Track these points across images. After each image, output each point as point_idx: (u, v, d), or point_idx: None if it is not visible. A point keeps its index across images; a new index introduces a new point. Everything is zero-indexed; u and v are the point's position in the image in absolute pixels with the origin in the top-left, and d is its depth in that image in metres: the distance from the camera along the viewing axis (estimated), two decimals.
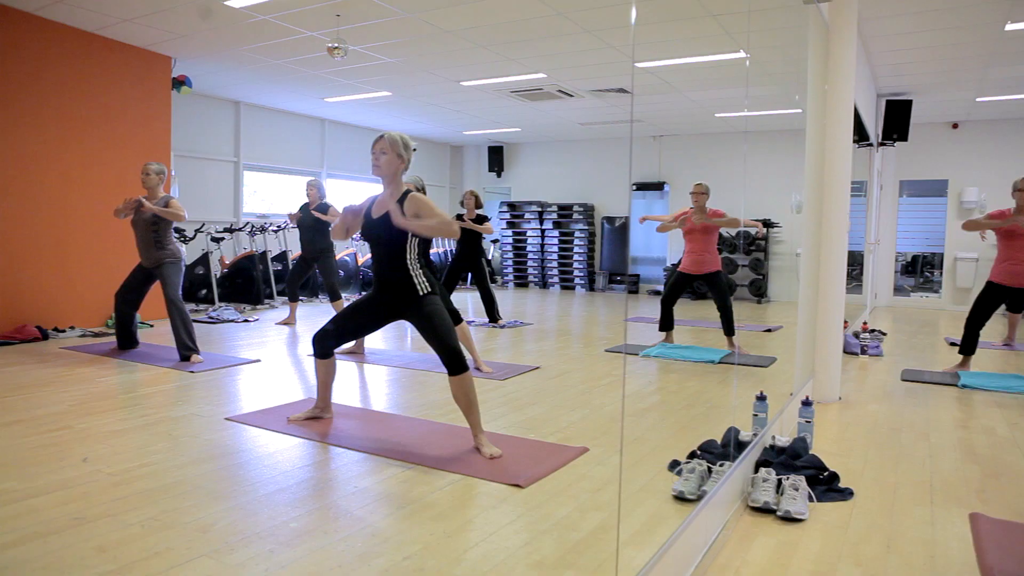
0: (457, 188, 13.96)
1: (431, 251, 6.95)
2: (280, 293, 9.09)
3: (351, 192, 11.60)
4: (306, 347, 5.81)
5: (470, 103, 9.69)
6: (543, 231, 12.71)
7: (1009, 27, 5.98)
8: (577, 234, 12.42)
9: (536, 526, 2.38)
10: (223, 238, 8.68)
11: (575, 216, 12.45)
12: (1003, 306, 5.81)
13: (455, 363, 3.11)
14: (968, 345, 5.33)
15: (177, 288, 5.10)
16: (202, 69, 7.72)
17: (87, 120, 6.49)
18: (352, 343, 5.32)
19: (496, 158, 13.51)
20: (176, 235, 5.71)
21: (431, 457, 3.04)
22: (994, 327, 7.49)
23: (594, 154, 12.60)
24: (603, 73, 7.69)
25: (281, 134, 10.37)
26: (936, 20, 5.95)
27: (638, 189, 11.97)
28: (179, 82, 7.54)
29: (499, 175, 13.65)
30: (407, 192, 3.23)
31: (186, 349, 5.03)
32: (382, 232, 3.22)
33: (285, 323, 7.23)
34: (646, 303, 10.30)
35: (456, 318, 4.73)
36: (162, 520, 2.33)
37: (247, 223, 9.24)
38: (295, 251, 8.88)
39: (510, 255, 13.06)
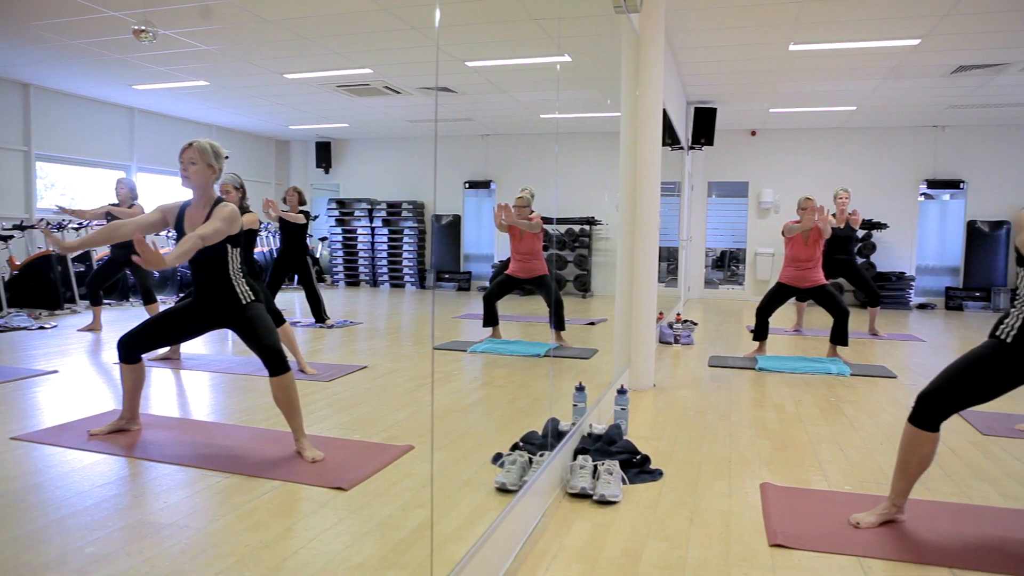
0: (283, 185, 13.43)
1: (255, 250, 6.65)
2: (83, 297, 8.32)
3: (167, 189, 10.82)
4: (113, 354, 5.36)
5: (295, 96, 9.36)
6: (373, 229, 12.54)
7: (793, 47, 6.66)
8: (407, 232, 12.37)
9: (358, 528, 2.35)
10: (11, 236, 7.80)
11: (404, 214, 12.40)
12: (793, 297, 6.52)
13: (276, 363, 3.00)
14: (760, 332, 5.91)
15: None
16: None
17: None
18: (167, 348, 4.98)
19: (324, 154, 13.14)
20: None
21: (250, 465, 2.92)
22: (787, 315, 8.32)
23: (424, 152, 12.59)
24: (430, 71, 7.70)
25: (83, 122, 9.47)
26: (732, 37, 6.51)
27: (469, 187, 12.11)
28: None
29: (327, 171, 13.29)
30: (219, 200, 3.06)
31: None
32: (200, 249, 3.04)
33: (89, 329, 6.62)
34: (477, 300, 10.45)
35: (279, 319, 4.57)
36: None
37: (41, 219, 8.36)
38: (101, 250, 8.16)
39: (340, 253, 12.77)
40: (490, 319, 6.05)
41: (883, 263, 10.91)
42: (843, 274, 7.42)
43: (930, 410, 2.40)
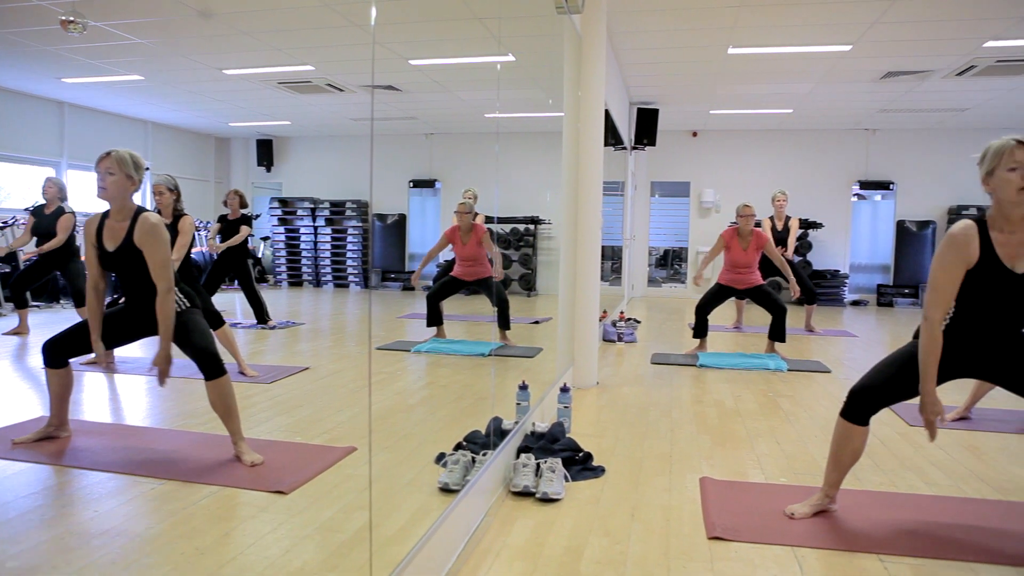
0: (223, 184, 13.11)
1: (193, 250, 6.48)
2: (8, 299, 7.97)
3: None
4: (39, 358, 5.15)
5: (235, 93, 9.15)
6: (316, 228, 12.36)
7: (731, 51, 6.81)
8: (351, 231, 12.23)
9: (298, 532, 2.31)
10: None
11: (348, 213, 12.26)
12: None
13: (211, 366, 2.93)
14: (699, 329, 6.02)
15: None
16: None
17: None
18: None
19: (265, 152, 12.89)
20: None
21: (187, 470, 2.84)
22: (727, 313, 8.50)
23: (368, 151, 12.46)
24: (375, 69, 7.63)
25: (7, 116, 9.07)
26: (673, 39, 6.63)
27: (413, 186, 12.03)
28: None
29: (269, 170, 13.05)
30: (138, 213, 2.95)
31: None
32: (124, 263, 2.94)
33: (16, 332, 6.35)
34: (421, 300, 10.38)
35: (218, 321, 4.46)
36: None
37: None
38: (28, 249, 7.85)
39: (283, 253, 12.55)
40: (434, 319, 6.03)
41: (818, 261, 11.24)
42: (781, 273, 7.62)
43: (861, 405, 2.48)
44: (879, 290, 11.14)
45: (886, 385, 2.44)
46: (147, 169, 3.04)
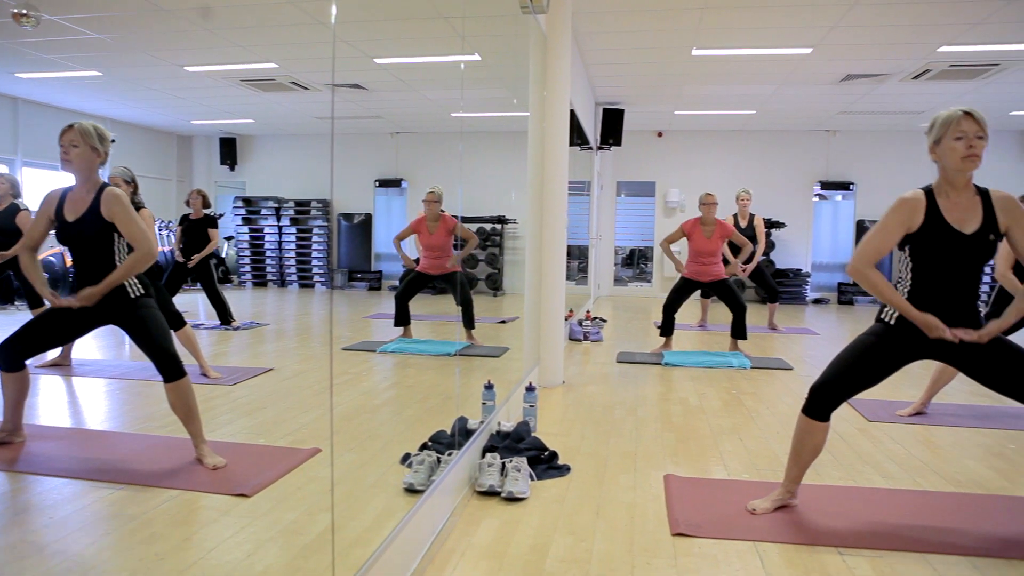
0: (185, 182, 12.88)
1: None
2: None
3: (56, 185, 10.22)
4: None
5: (197, 90, 9.02)
6: (280, 228, 12.23)
7: (695, 52, 6.89)
8: (316, 231, 12.13)
9: (261, 535, 2.28)
10: None
11: (313, 212, 12.15)
12: (698, 293, 6.74)
13: (170, 368, 2.87)
14: (666, 328, 6.07)
15: None
16: None
17: None
18: (57, 354, 4.70)
19: (229, 150, 12.70)
20: None
21: (147, 474, 2.79)
22: (692, 311, 8.59)
23: (334, 150, 12.35)
24: (338, 67, 7.56)
25: None
26: (638, 40, 6.68)
27: (380, 186, 11.96)
28: None
29: (232, 168, 12.86)
30: (104, 186, 2.90)
31: None
32: (83, 234, 2.87)
33: None
34: (387, 300, 10.34)
35: (179, 321, 4.38)
36: None
37: None
38: None
39: (247, 253, 12.39)
40: (402, 318, 6.00)
41: (781, 260, 11.42)
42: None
43: (822, 401, 2.52)
44: (840, 288, 11.36)
45: (844, 378, 2.50)
46: (113, 142, 2.97)
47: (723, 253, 6.22)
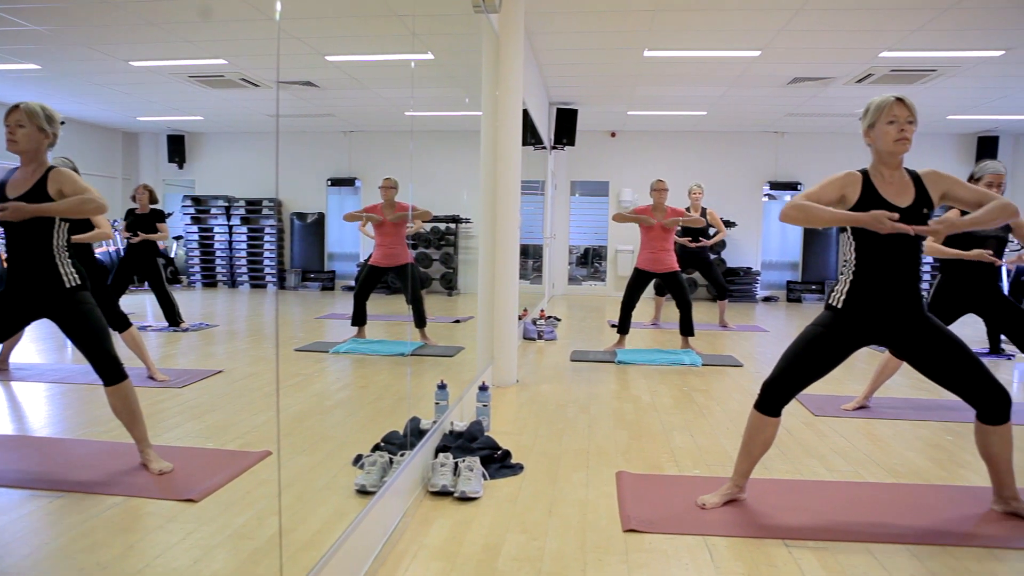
0: (132, 180, 12.54)
1: (98, 249, 6.18)
2: None
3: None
4: None
5: (143, 86, 8.76)
6: (231, 227, 12.00)
7: (647, 53, 6.97)
8: (267, 230, 11.94)
9: (209, 540, 2.24)
10: None
11: (265, 212, 11.96)
12: (653, 291, 6.81)
13: (110, 371, 2.79)
14: (623, 326, 6.12)
15: None
16: None
17: None
18: None
19: (177, 148, 12.38)
20: None
21: (88, 481, 2.71)
22: (646, 309, 8.69)
23: (285, 148, 12.16)
24: (290, 64, 7.44)
25: None
26: (591, 41, 6.73)
27: (332, 185, 11.82)
28: None
29: (181, 166, 12.56)
30: (51, 168, 2.80)
31: None
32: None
33: None
34: (341, 300, 10.22)
35: (124, 323, 4.27)
36: None
37: None
38: None
39: (196, 253, 12.13)
40: (359, 318, 5.95)
41: (732, 259, 11.63)
42: (695, 266, 7.83)
43: (774, 396, 2.58)
44: (789, 286, 11.61)
45: (794, 372, 2.56)
46: (63, 123, 2.87)
47: (679, 241, 6.32)
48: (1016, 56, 6.66)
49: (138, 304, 8.26)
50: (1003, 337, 6.06)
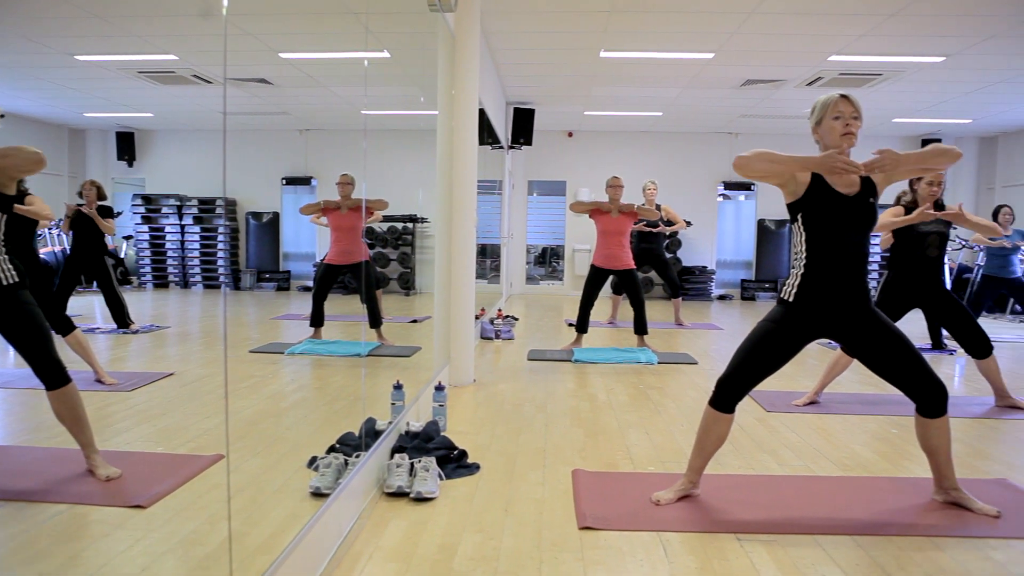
0: (78, 178, 12.21)
1: (42, 249, 5.99)
2: None
3: None
4: None
5: (90, 81, 8.50)
6: (183, 227, 11.76)
7: (603, 54, 7.02)
8: (221, 230, 11.73)
9: (158, 547, 2.19)
10: None
11: (218, 211, 11.75)
12: (609, 290, 6.86)
13: (51, 375, 2.69)
14: (582, 324, 6.16)
15: None
16: None
17: None
18: None
19: (126, 145, 12.06)
20: None
21: (30, 489, 2.63)
22: (603, 308, 8.75)
23: (238, 146, 11.92)
24: (242, 61, 7.31)
25: None
26: (547, 41, 6.76)
27: (288, 184, 11.66)
28: None
29: (131, 164, 12.25)
30: None
31: None
32: None
33: None
34: (297, 300, 10.09)
35: (68, 326, 4.15)
36: None
37: None
38: None
39: (147, 253, 11.85)
40: (318, 318, 5.87)
41: (688, 258, 11.79)
42: (651, 263, 7.93)
43: (729, 393, 2.63)
44: (743, 285, 11.83)
45: (748, 367, 2.61)
46: (2, 117, 2.77)
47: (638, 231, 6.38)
48: (956, 62, 6.89)
49: (86, 305, 8.04)
50: (944, 332, 6.26)
